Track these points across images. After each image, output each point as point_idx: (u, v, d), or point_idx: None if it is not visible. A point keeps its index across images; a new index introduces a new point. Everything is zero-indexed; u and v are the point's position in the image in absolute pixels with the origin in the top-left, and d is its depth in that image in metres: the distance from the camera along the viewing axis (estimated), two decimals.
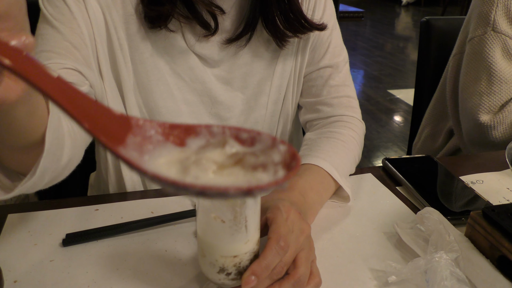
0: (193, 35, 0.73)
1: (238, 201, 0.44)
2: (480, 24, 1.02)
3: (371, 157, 2.89)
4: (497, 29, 0.99)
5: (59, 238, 0.60)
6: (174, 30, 0.70)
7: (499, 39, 0.99)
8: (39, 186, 0.51)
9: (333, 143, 0.73)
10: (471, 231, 0.59)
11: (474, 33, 1.04)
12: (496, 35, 0.99)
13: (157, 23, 0.69)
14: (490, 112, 0.99)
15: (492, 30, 1.00)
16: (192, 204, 0.68)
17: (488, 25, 1.00)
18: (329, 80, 0.81)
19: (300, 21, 0.73)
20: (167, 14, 0.67)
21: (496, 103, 0.99)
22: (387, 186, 0.77)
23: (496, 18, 0.99)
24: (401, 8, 9.21)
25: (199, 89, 0.77)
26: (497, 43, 0.99)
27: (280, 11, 0.72)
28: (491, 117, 0.99)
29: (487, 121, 0.98)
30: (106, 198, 0.72)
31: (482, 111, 0.99)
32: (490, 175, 0.81)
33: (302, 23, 0.73)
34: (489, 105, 0.99)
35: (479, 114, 1.00)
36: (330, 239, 0.62)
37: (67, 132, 0.55)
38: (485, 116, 0.99)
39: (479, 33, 1.02)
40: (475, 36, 1.03)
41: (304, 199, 0.61)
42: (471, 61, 1.04)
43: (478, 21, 1.03)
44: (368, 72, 4.80)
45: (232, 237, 0.45)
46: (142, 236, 0.62)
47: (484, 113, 0.99)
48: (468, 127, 1.04)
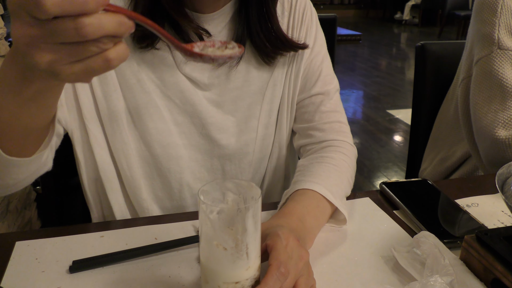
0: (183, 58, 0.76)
1: (239, 229, 0.46)
2: (485, 44, 1.05)
3: (371, 177, 2.91)
4: (503, 46, 1.02)
5: (66, 265, 0.62)
6: (159, 48, 0.75)
7: (506, 55, 1.02)
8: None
9: (325, 167, 0.75)
10: (466, 254, 0.61)
11: (481, 54, 1.06)
12: (503, 52, 1.02)
13: (143, 43, 0.73)
14: (506, 127, 1.00)
15: (498, 48, 1.03)
16: (195, 230, 0.70)
17: (493, 44, 1.03)
18: (320, 107, 0.84)
19: (281, 39, 0.79)
20: (153, 34, 0.71)
21: (511, 117, 1.00)
22: (384, 210, 0.79)
23: (500, 36, 1.02)
24: (399, 28, 9.35)
25: (189, 110, 0.80)
26: (505, 60, 1.02)
27: (261, 29, 0.78)
28: (509, 132, 0.99)
29: (504, 137, 0.99)
30: (111, 225, 0.74)
31: (499, 126, 1.00)
32: (485, 198, 0.83)
33: (282, 41, 0.79)
34: (504, 120, 1.00)
35: (495, 130, 1.00)
36: (329, 264, 0.64)
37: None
38: (502, 131, 0.99)
39: (486, 53, 1.05)
40: (482, 57, 1.06)
41: (302, 224, 0.63)
42: (482, 81, 1.05)
43: (483, 42, 1.05)
44: (367, 92, 4.85)
45: (234, 264, 0.47)
46: (147, 262, 0.63)
47: (500, 128, 1.00)
48: (485, 146, 1.05)
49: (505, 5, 1.02)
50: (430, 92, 1.36)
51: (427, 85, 1.37)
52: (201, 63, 0.77)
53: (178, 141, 0.81)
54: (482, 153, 1.09)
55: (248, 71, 0.82)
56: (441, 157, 1.27)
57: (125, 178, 0.82)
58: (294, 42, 0.80)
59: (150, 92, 0.77)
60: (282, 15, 0.84)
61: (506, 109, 1.00)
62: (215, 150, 0.84)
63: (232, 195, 0.50)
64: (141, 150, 0.80)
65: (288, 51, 0.82)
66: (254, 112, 0.84)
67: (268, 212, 0.76)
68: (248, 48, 0.81)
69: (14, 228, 1.49)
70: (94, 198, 0.85)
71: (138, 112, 0.77)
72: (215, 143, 0.83)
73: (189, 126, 0.81)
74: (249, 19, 0.77)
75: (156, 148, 0.80)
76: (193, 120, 0.81)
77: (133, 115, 0.78)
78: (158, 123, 0.79)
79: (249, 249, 0.47)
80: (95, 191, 0.84)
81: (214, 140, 0.83)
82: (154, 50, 0.75)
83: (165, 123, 0.79)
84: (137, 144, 0.80)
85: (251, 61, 0.82)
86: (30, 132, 0.58)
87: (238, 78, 0.82)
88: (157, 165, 0.81)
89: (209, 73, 0.80)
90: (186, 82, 0.78)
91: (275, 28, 0.78)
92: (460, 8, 7.82)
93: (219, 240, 0.47)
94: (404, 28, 9.40)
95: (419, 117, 1.41)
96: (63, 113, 0.75)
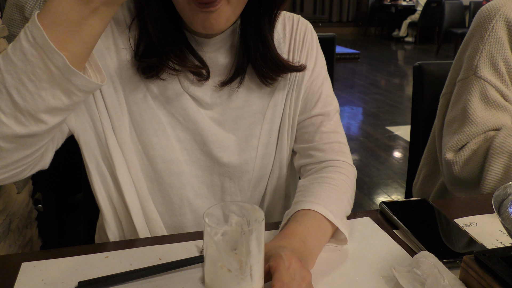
0: (188, 80, 0.79)
1: (243, 251, 0.48)
2: (466, 67, 1.09)
3: (371, 194, 2.91)
4: (478, 74, 1.05)
5: (71, 286, 0.63)
6: (165, 79, 0.77)
7: (479, 84, 1.05)
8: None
9: (325, 188, 0.77)
10: (465, 274, 0.62)
11: (461, 75, 1.10)
12: (477, 79, 1.05)
13: (149, 73, 0.76)
14: (453, 149, 1.06)
15: (474, 75, 1.06)
16: (198, 250, 0.72)
17: (471, 69, 1.07)
18: (320, 127, 0.86)
19: (277, 63, 0.82)
20: (155, 66, 0.75)
21: (461, 142, 1.04)
22: (384, 230, 0.80)
23: (479, 63, 1.05)
24: (397, 46, 9.46)
25: (191, 128, 0.82)
26: (476, 88, 1.05)
27: (259, 54, 0.80)
28: (454, 154, 1.05)
29: (450, 158, 1.05)
30: (115, 246, 0.75)
31: (449, 148, 1.06)
32: (483, 217, 0.84)
33: (278, 64, 0.82)
34: (455, 143, 1.05)
35: (445, 151, 1.06)
36: (330, 284, 0.65)
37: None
38: (450, 153, 1.06)
39: (464, 76, 1.09)
40: (461, 79, 1.10)
41: (304, 245, 0.64)
42: (454, 102, 1.10)
43: (466, 65, 1.09)
44: (366, 109, 4.89)
45: (238, 285, 0.48)
46: (151, 282, 0.64)
47: (450, 150, 1.06)
48: (442, 164, 1.10)
49: (494, 32, 1.04)
50: (428, 110, 1.39)
51: (425, 104, 1.40)
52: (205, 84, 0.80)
53: (180, 157, 0.83)
54: (441, 169, 1.13)
55: (249, 92, 0.85)
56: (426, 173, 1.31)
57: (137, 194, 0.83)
58: (290, 65, 0.83)
59: (155, 108, 0.79)
60: (284, 37, 0.87)
61: (461, 133, 1.05)
62: (215, 167, 0.86)
63: (236, 217, 0.52)
64: (144, 165, 0.82)
65: (286, 73, 0.84)
66: (254, 131, 0.86)
67: (269, 232, 0.77)
68: (249, 71, 0.83)
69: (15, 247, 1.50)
70: (112, 215, 0.84)
71: (143, 127, 0.79)
72: (216, 160, 0.85)
73: (191, 143, 0.83)
74: (248, 45, 0.80)
75: (158, 163, 0.81)
76: (195, 137, 0.83)
77: (137, 129, 0.80)
78: (161, 138, 0.80)
79: (253, 271, 0.49)
80: (113, 207, 0.84)
81: (215, 157, 0.85)
82: (159, 80, 0.77)
83: (168, 139, 0.81)
84: (140, 158, 0.81)
85: (252, 82, 0.84)
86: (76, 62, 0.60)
87: (240, 98, 0.84)
88: (159, 180, 0.83)
89: (212, 93, 0.82)
90: (189, 100, 0.80)
91: (272, 53, 0.81)
92: (457, 26, 7.93)
93: (224, 262, 0.48)
94: (402, 45, 9.51)
95: (418, 135, 1.44)
96: (69, 118, 0.76)
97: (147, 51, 0.74)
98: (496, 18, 1.05)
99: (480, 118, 1.03)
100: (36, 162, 0.70)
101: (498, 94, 1.04)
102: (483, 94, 1.04)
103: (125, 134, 0.79)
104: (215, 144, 0.84)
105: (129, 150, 0.80)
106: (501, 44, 1.04)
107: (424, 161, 1.33)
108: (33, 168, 0.71)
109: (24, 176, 0.69)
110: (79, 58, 0.60)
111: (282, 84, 0.86)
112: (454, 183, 1.09)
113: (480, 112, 1.03)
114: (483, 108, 1.04)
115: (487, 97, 1.04)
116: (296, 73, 0.86)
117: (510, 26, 1.04)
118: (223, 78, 0.81)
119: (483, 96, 1.04)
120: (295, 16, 0.90)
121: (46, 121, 0.61)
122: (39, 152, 0.67)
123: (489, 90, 1.04)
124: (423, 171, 1.33)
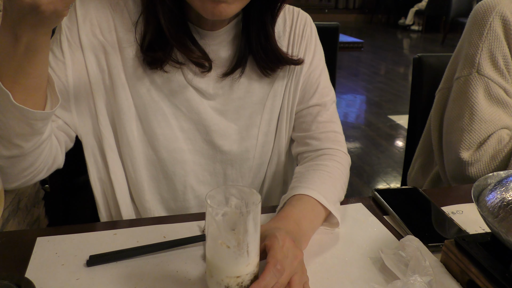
0: (191, 71, 0.84)
1: (241, 230, 0.53)
2: (466, 65, 1.12)
3: (370, 182, 2.96)
4: (481, 71, 1.08)
5: (83, 259, 0.68)
6: (169, 71, 0.82)
7: (482, 81, 1.08)
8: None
9: (319, 174, 0.82)
10: (445, 257, 0.67)
11: (461, 72, 1.13)
12: (480, 77, 1.09)
13: (153, 66, 0.81)
14: (469, 149, 1.08)
15: (477, 72, 1.09)
16: (200, 230, 0.77)
17: (473, 67, 1.10)
18: (317, 117, 0.91)
19: (277, 55, 0.86)
20: (160, 59, 0.79)
21: (475, 140, 1.07)
22: (375, 215, 0.85)
23: (481, 61, 1.09)
24: (402, 34, 9.40)
25: (194, 118, 0.87)
26: (480, 85, 1.08)
27: (261, 46, 0.85)
28: (471, 154, 1.07)
29: (466, 158, 1.07)
30: (123, 224, 0.80)
31: (463, 147, 1.08)
32: (469, 206, 0.89)
33: (278, 57, 0.86)
34: (469, 142, 1.08)
35: (460, 150, 1.08)
36: (321, 263, 0.70)
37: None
38: (465, 152, 1.08)
39: (465, 73, 1.12)
40: (461, 76, 1.13)
41: (298, 227, 0.70)
42: (456, 99, 1.13)
43: (465, 62, 1.12)
44: (369, 98, 4.91)
45: (235, 261, 0.54)
46: (156, 258, 0.70)
47: (464, 149, 1.08)
48: (450, 159, 1.13)
49: (491, 29, 1.07)
50: (426, 102, 1.42)
51: (423, 96, 1.43)
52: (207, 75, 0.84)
53: (183, 147, 0.88)
54: (446, 164, 1.16)
55: (250, 83, 0.89)
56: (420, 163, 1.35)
57: (130, 180, 0.88)
58: (289, 58, 0.87)
59: (159, 101, 0.84)
60: (284, 30, 0.91)
61: (471, 131, 1.07)
62: (218, 155, 0.90)
63: (235, 200, 0.57)
64: (149, 154, 0.87)
65: (284, 65, 0.88)
66: (255, 120, 0.91)
67: (267, 215, 0.82)
68: (250, 62, 0.87)
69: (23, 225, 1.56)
70: (102, 198, 0.91)
71: (147, 119, 0.84)
72: (218, 149, 0.90)
73: (194, 132, 0.88)
74: (250, 37, 0.84)
75: (163, 152, 0.86)
76: (198, 127, 0.87)
77: (142, 121, 0.85)
78: (165, 129, 0.85)
79: (249, 248, 0.54)
80: (103, 191, 0.91)
81: (217, 146, 0.89)
82: (163, 72, 0.82)
83: (172, 129, 0.86)
84: (145, 148, 0.86)
85: (252, 74, 0.88)
86: (30, 92, 0.65)
87: (241, 89, 0.88)
88: (163, 169, 0.88)
89: (214, 84, 0.86)
90: (192, 92, 0.85)
91: (272, 45, 0.85)
92: (464, 15, 7.86)
93: (223, 239, 0.53)
94: (408, 34, 9.45)
95: (415, 126, 1.48)
96: (72, 119, 0.82)
97: (152, 44, 0.79)
98: (493, 16, 1.08)
99: (489, 115, 1.07)
100: (48, 166, 0.77)
101: (501, 91, 1.08)
102: (487, 92, 1.08)
103: (132, 126, 0.84)
104: (217, 133, 0.88)
105: (134, 141, 0.85)
106: (499, 41, 1.08)
107: (419, 152, 1.38)
108: (47, 171, 0.77)
109: (40, 178, 0.77)
110: (33, 88, 0.65)
111: (281, 75, 0.90)
112: (461, 180, 1.12)
113: (487, 109, 1.07)
114: (488, 105, 1.08)
115: (490, 95, 1.08)
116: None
117: (505, 23, 1.07)
118: (225, 69, 0.86)
119: (487, 94, 1.08)
120: (295, 9, 0.93)
121: (21, 145, 0.68)
122: (38, 162, 0.73)
123: (493, 88, 1.07)
124: (418, 161, 1.37)
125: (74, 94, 0.80)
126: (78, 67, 0.79)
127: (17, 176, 0.72)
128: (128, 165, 0.87)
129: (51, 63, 0.77)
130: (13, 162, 0.70)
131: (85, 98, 0.82)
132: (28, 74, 0.63)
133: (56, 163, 0.79)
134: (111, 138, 0.85)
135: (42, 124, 0.68)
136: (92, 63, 0.80)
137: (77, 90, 0.80)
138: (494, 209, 0.59)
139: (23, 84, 0.63)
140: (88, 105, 0.83)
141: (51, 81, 0.68)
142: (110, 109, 0.84)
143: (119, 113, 0.83)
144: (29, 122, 0.65)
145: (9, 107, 0.62)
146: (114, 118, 0.84)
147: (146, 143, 0.86)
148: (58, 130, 0.80)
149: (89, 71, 0.80)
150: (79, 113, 0.82)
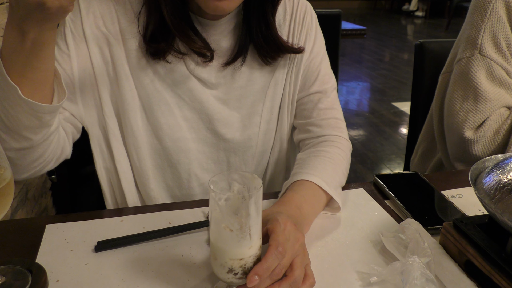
0: (193, 61, 0.85)
1: (243, 214, 0.54)
2: (468, 47, 1.12)
3: (374, 169, 2.97)
4: (484, 52, 1.09)
5: (91, 245, 0.71)
6: (171, 61, 0.83)
7: (484, 62, 1.09)
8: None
9: (321, 160, 0.83)
10: (444, 239, 0.69)
11: (462, 54, 1.13)
12: (482, 58, 1.09)
13: (156, 56, 0.82)
14: (473, 129, 1.09)
15: (479, 53, 1.10)
16: (204, 215, 0.79)
17: (475, 48, 1.10)
18: (318, 104, 0.92)
19: (277, 44, 0.87)
20: (163, 50, 0.81)
21: (479, 119, 1.08)
22: (376, 200, 0.86)
23: (483, 42, 1.09)
24: (406, 20, 9.33)
25: (197, 107, 0.88)
26: (482, 66, 1.09)
27: (261, 34, 0.86)
28: (474, 132, 1.09)
29: (471, 136, 1.08)
30: (129, 211, 0.82)
31: (467, 127, 1.09)
32: (469, 189, 0.90)
33: (278, 45, 0.87)
34: (474, 122, 1.09)
35: (464, 130, 1.09)
36: (323, 246, 0.72)
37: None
38: (469, 132, 1.09)
39: (467, 55, 1.12)
40: (463, 58, 1.13)
41: (300, 211, 0.71)
42: (458, 81, 1.13)
43: (467, 44, 1.12)
44: (373, 85, 4.90)
45: (238, 243, 0.55)
46: (162, 243, 0.72)
47: (468, 129, 1.09)
48: (453, 141, 1.14)
49: (494, 11, 1.08)
50: (428, 88, 1.43)
51: (425, 82, 1.44)
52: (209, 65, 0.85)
53: (187, 135, 0.89)
54: (449, 146, 1.17)
55: (252, 72, 0.90)
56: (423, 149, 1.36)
57: (135, 169, 0.90)
58: (289, 46, 0.88)
59: (162, 91, 0.85)
60: (284, 18, 0.92)
61: (476, 110, 1.08)
62: (221, 144, 0.92)
63: (238, 185, 0.58)
64: (154, 143, 0.89)
65: (285, 54, 0.89)
66: (257, 109, 0.92)
67: (270, 200, 0.84)
68: (251, 51, 0.88)
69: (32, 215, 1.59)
70: (108, 187, 0.93)
71: (151, 109, 0.86)
72: (221, 137, 0.91)
73: (197, 121, 0.89)
74: (251, 26, 0.85)
75: (167, 141, 0.88)
76: (201, 116, 0.89)
77: (147, 111, 0.86)
78: (169, 119, 0.87)
79: (252, 231, 0.55)
80: (109, 180, 0.93)
81: (220, 134, 0.91)
82: (165, 62, 0.83)
83: (175, 119, 0.87)
84: (150, 138, 0.88)
85: (254, 62, 0.90)
86: (37, 86, 0.66)
87: (242, 78, 0.90)
88: (168, 157, 0.90)
89: (216, 73, 0.87)
90: (195, 81, 0.86)
91: (273, 34, 0.86)
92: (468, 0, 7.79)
93: (226, 223, 0.55)
94: (412, 20, 9.37)
95: (417, 112, 1.48)
96: (78, 110, 0.84)
97: (155, 35, 0.80)
98: None
99: (493, 95, 1.08)
100: (57, 157, 0.78)
101: (503, 72, 1.09)
102: (489, 73, 1.09)
103: (137, 116, 0.86)
104: (220, 122, 0.90)
105: (139, 130, 0.87)
106: (502, 22, 1.08)
107: (422, 138, 1.38)
108: (55, 162, 0.79)
109: (49, 169, 0.78)
110: (40, 82, 0.66)
111: (282, 63, 0.91)
112: (465, 160, 1.13)
113: (490, 88, 1.08)
114: (491, 85, 1.08)
115: (493, 75, 1.08)
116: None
117: (508, 5, 1.08)
118: (227, 58, 0.87)
119: (489, 74, 1.09)
120: None
121: (30, 137, 0.69)
122: (47, 154, 0.75)
123: (495, 69, 1.08)
124: (421, 147, 1.38)
125: (80, 86, 0.82)
126: (83, 59, 0.81)
127: (27, 167, 0.74)
128: (133, 154, 0.88)
129: (56, 56, 0.79)
130: (23, 154, 0.71)
131: (90, 89, 0.83)
132: (35, 68, 0.64)
133: (64, 154, 0.81)
134: (116, 129, 0.87)
135: (50, 117, 0.69)
136: (96, 55, 0.81)
137: (82, 82, 0.82)
138: (490, 191, 0.60)
139: (30, 78, 0.64)
140: (93, 96, 0.84)
141: (58, 74, 0.70)
142: (115, 99, 0.85)
143: (123, 104, 0.85)
144: (37, 115, 0.67)
145: (17, 101, 0.64)
146: (118, 109, 0.86)
147: (151, 132, 0.88)
148: (65, 122, 0.81)
149: (93, 62, 0.82)
150: (85, 105, 0.84)
